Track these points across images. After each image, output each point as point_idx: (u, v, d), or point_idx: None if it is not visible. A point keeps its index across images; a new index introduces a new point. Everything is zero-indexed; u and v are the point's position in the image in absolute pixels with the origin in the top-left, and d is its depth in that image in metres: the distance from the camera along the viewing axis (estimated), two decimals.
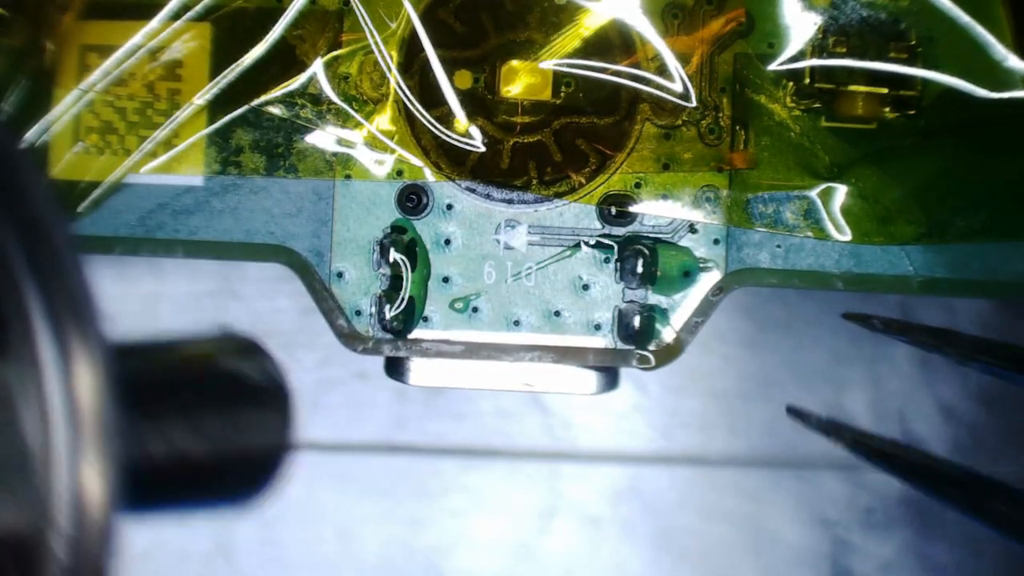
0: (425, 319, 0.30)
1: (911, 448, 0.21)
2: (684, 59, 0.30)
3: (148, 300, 0.43)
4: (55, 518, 0.13)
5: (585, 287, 0.30)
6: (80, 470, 0.13)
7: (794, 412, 0.27)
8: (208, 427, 0.18)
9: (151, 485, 0.18)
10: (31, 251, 0.13)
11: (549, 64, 0.30)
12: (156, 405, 0.18)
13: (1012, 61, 0.28)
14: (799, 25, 0.29)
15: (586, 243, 0.30)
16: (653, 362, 0.30)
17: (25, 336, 0.13)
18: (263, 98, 0.30)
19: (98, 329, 0.13)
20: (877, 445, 0.23)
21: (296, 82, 0.30)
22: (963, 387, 0.43)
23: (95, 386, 0.13)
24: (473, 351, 0.30)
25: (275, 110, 0.30)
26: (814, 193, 0.30)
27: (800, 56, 0.29)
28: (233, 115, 0.30)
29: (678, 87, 0.30)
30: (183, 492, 0.19)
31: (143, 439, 0.17)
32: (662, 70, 0.30)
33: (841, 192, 0.30)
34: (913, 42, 0.29)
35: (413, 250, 0.30)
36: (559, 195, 0.30)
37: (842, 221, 0.30)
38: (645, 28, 0.29)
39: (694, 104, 0.30)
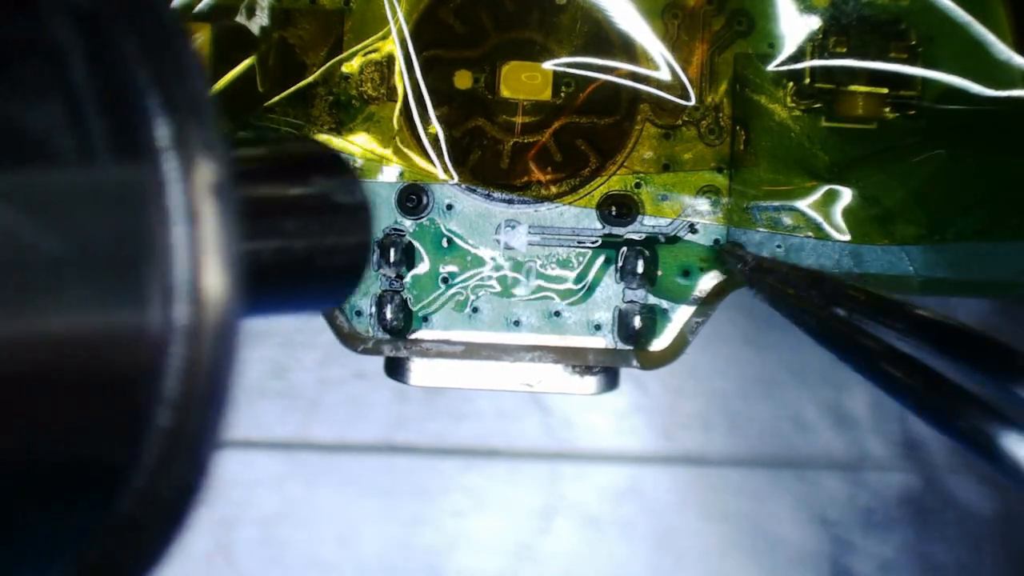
0: (425, 319, 0.30)
1: (828, 308, 0.21)
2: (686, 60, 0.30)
3: None
4: (177, 315, 0.13)
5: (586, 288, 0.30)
6: (202, 264, 0.13)
7: (731, 247, 0.27)
8: (309, 226, 0.19)
9: (259, 281, 0.18)
10: (155, 56, 0.13)
11: (549, 64, 0.30)
12: (269, 205, 0.18)
13: (1013, 59, 0.28)
14: (799, 25, 0.29)
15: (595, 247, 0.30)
16: (652, 362, 0.30)
17: (149, 134, 0.13)
18: (268, 103, 0.30)
19: (216, 128, 0.13)
20: (793, 296, 0.23)
21: (297, 83, 0.30)
22: None
23: (217, 179, 0.13)
24: (473, 351, 0.30)
25: (276, 111, 0.30)
26: (808, 203, 0.30)
27: (800, 56, 0.29)
28: (235, 128, 0.30)
29: (675, 85, 0.30)
30: (285, 288, 0.19)
31: (256, 234, 0.18)
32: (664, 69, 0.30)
33: (841, 192, 0.30)
34: (913, 42, 0.29)
35: (412, 250, 0.30)
36: (559, 195, 0.30)
37: (841, 221, 0.30)
38: (645, 29, 0.29)
39: (693, 103, 0.30)
